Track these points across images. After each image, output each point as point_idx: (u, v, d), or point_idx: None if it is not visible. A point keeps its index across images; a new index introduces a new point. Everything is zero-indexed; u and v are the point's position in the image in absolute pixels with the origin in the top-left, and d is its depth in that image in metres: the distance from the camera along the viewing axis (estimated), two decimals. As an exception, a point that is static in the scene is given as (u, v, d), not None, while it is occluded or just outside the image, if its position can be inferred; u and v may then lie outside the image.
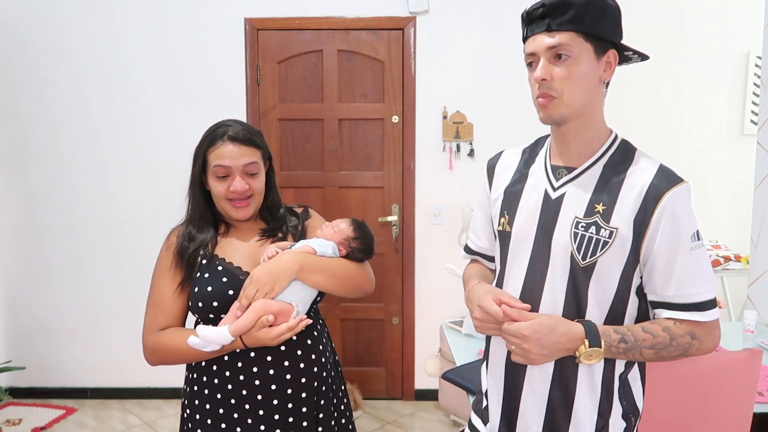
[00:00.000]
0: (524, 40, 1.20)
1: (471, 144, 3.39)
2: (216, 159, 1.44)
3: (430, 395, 3.55)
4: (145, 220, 3.45)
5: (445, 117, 3.38)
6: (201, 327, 1.37)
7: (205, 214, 1.51)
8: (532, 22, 1.17)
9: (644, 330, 1.16)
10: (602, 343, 1.13)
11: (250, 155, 1.47)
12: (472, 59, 3.35)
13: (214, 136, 1.47)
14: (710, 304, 1.16)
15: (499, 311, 1.16)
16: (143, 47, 3.38)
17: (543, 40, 1.14)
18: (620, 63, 1.23)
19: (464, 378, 1.93)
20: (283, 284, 1.39)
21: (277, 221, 1.57)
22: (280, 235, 1.55)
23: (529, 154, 1.32)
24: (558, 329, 1.14)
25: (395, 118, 3.41)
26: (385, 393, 3.62)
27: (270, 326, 1.37)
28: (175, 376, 3.36)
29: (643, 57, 1.22)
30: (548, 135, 1.32)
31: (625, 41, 1.20)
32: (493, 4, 3.32)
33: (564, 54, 1.13)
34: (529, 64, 1.19)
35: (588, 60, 1.15)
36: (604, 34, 1.16)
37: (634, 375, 1.26)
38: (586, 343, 1.12)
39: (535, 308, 1.21)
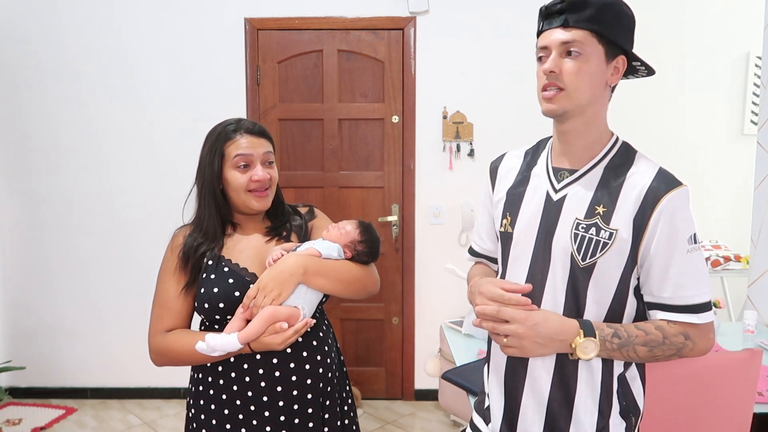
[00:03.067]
0: (539, 33, 1.21)
1: (471, 144, 3.39)
2: (236, 149, 1.46)
3: (430, 395, 3.55)
4: (145, 220, 3.45)
5: (445, 117, 3.38)
6: (210, 336, 1.37)
7: (215, 219, 1.50)
8: (549, 16, 1.18)
9: (637, 327, 1.17)
10: (597, 334, 1.14)
11: (266, 145, 1.51)
12: (472, 59, 3.35)
13: (227, 131, 1.48)
14: (705, 307, 1.18)
15: (502, 293, 1.17)
16: (143, 47, 3.38)
17: (557, 35, 1.16)
18: (627, 75, 1.25)
19: (464, 378, 1.92)
20: (289, 289, 1.39)
21: (282, 218, 1.58)
22: (284, 234, 1.55)
23: (531, 157, 1.33)
24: (552, 319, 1.16)
25: (395, 118, 3.41)
26: (385, 393, 3.62)
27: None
28: (175, 376, 3.38)
29: (650, 71, 1.24)
30: (550, 137, 1.33)
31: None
32: (493, 4, 3.32)
33: (575, 51, 1.15)
34: (539, 58, 1.20)
35: (598, 61, 1.16)
36: (617, 39, 1.17)
37: (632, 374, 1.26)
38: (581, 333, 1.14)
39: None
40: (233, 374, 1.44)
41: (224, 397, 1.46)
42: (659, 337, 1.16)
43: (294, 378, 1.45)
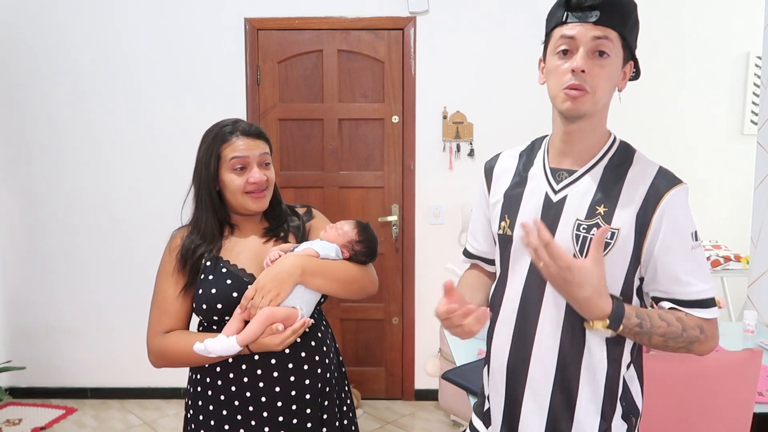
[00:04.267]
0: (559, 23, 1.15)
1: (471, 144, 3.39)
2: (233, 152, 1.45)
3: (430, 395, 3.55)
4: (145, 220, 3.45)
5: (445, 117, 3.38)
6: (209, 341, 1.37)
7: (213, 221, 1.49)
8: (580, 8, 1.13)
9: (660, 317, 1.15)
10: (620, 327, 1.11)
11: (262, 146, 1.50)
12: (472, 59, 3.35)
13: (224, 132, 1.47)
14: (712, 302, 1.18)
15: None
16: (143, 47, 3.38)
17: (592, 30, 1.12)
18: None
19: (464, 378, 1.92)
20: (287, 290, 1.39)
21: (280, 219, 1.58)
22: (282, 234, 1.55)
23: (527, 157, 1.32)
24: (596, 289, 1.09)
25: (395, 118, 3.41)
26: (385, 393, 3.62)
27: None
28: (175, 376, 3.36)
29: (636, 77, 1.24)
30: (544, 137, 1.32)
31: None
32: (493, 4, 3.32)
33: (605, 51, 1.13)
34: (563, 51, 1.14)
35: (618, 64, 1.16)
36: (633, 45, 1.17)
37: (630, 374, 1.25)
38: (606, 322, 1.10)
39: (537, 311, 1.21)
40: (231, 375, 1.44)
41: (222, 397, 1.46)
42: (678, 329, 1.15)
43: (292, 378, 1.45)
